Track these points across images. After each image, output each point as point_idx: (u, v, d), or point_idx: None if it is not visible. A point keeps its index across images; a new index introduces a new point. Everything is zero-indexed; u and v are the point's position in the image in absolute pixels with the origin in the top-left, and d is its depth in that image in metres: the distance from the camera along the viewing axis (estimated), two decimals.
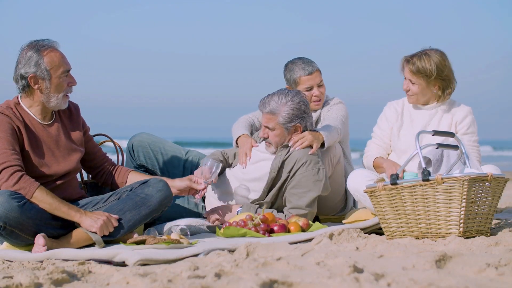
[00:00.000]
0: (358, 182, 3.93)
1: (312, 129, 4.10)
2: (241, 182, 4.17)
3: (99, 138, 4.51)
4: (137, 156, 4.36)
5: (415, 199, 3.42)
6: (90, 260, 3.11)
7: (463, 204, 3.34)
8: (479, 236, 3.41)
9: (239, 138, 4.35)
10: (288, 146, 4.04)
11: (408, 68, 4.01)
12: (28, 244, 3.46)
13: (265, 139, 4.12)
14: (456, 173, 3.43)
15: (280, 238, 3.50)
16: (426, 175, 3.37)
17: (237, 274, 2.45)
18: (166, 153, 4.40)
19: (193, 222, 4.00)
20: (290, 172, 3.97)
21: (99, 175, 4.01)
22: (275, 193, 4.02)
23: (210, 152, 4.46)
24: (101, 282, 2.56)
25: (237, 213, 4.00)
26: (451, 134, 3.69)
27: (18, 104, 3.66)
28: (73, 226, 3.53)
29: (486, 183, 3.41)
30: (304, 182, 3.94)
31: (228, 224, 3.74)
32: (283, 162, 3.99)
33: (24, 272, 2.52)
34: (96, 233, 3.45)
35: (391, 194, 3.48)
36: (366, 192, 3.57)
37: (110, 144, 4.55)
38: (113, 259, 3.14)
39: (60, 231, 3.51)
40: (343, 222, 4.10)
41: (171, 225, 3.89)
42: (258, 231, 3.61)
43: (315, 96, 4.46)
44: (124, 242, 3.50)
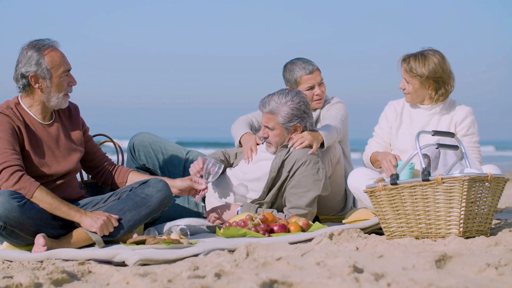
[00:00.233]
0: (359, 180, 3.93)
1: (312, 129, 4.10)
2: (241, 182, 4.17)
3: (99, 138, 4.51)
4: (138, 155, 4.36)
5: (415, 199, 3.43)
6: (90, 260, 3.11)
7: (463, 204, 3.34)
8: (479, 236, 3.41)
9: (242, 136, 4.35)
10: (288, 146, 4.04)
11: (403, 67, 4.04)
12: (28, 244, 3.46)
13: (265, 139, 4.12)
14: (456, 173, 3.44)
15: (280, 238, 3.50)
16: (426, 175, 3.37)
17: (237, 274, 2.45)
18: (166, 152, 4.40)
19: (193, 222, 4.01)
20: (290, 171, 3.97)
21: (99, 175, 4.01)
22: (275, 192, 4.02)
23: (210, 152, 4.46)
24: (101, 282, 2.56)
25: (237, 213, 4.00)
26: (451, 134, 3.69)
27: (18, 104, 3.66)
28: (73, 226, 3.53)
29: (486, 183, 3.41)
30: (304, 181, 3.94)
31: (228, 224, 3.74)
32: (283, 162, 3.99)
33: (24, 272, 2.52)
34: (96, 233, 3.46)
35: (391, 194, 3.48)
36: (366, 192, 3.58)
37: (110, 144, 4.55)
38: (113, 259, 3.14)
39: (60, 231, 3.51)
40: (343, 222, 4.10)
41: (171, 225, 3.90)
42: (258, 231, 3.61)
43: (317, 95, 4.47)
44: (124, 242, 3.50)
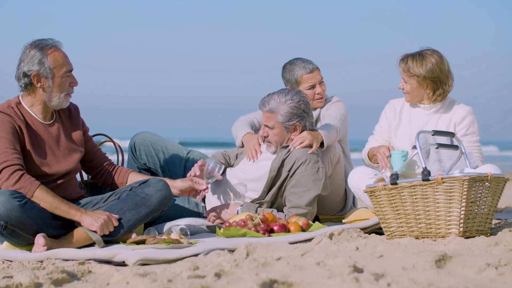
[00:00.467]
0: (359, 179, 3.94)
1: (312, 128, 4.10)
2: (241, 181, 4.17)
3: (99, 138, 4.51)
4: (139, 154, 4.36)
5: (415, 199, 3.42)
6: (90, 260, 3.11)
7: (463, 204, 3.34)
8: (479, 236, 3.41)
9: (244, 136, 4.35)
10: (288, 146, 4.04)
11: (401, 67, 4.05)
12: (28, 244, 3.46)
13: (265, 138, 4.12)
14: (456, 173, 3.44)
15: (280, 238, 3.50)
16: (426, 175, 3.37)
17: (237, 274, 2.45)
18: (168, 152, 4.40)
19: (193, 222, 4.01)
20: (289, 171, 3.97)
21: (98, 175, 4.01)
22: (275, 192, 4.02)
23: (211, 152, 4.46)
24: (101, 282, 2.56)
25: (237, 212, 4.00)
26: (451, 134, 3.69)
27: (19, 103, 3.66)
28: (73, 226, 3.53)
29: (486, 183, 3.41)
30: (303, 181, 3.94)
31: (228, 224, 3.74)
32: (283, 161, 3.99)
33: (24, 272, 2.52)
34: (96, 232, 3.46)
35: (391, 194, 3.48)
36: (366, 192, 3.58)
37: (110, 144, 4.55)
38: (113, 259, 3.14)
39: (60, 231, 3.51)
40: (343, 222, 4.10)
41: (171, 225, 3.90)
42: (258, 231, 3.61)
43: (318, 94, 4.47)
44: (124, 242, 3.50)
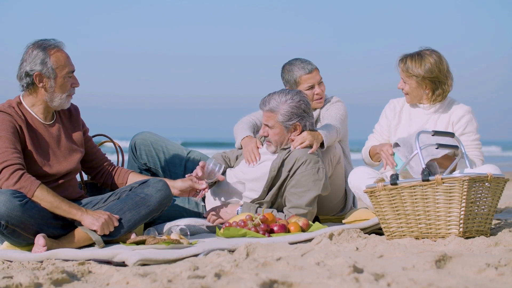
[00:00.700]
0: (359, 179, 3.94)
1: (312, 129, 4.11)
2: (240, 181, 4.17)
3: (99, 139, 4.50)
4: (139, 154, 4.36)
5: (415, 199, 3.42)
6: (90, 260, 3.11)
7: (463, 204, 3.34)
8: (479, 236, 3.41)
9: (243, 139, 4.35)
10: (288, 148, 4.05)
11: (400, 67, 4.05)
12: (29, 244, 3.46)
13: (265, 137, 4.12)
14: (456, 173, 3.43)
15: (280, 238, 3.50)
16: (426, 175, 3.37)
17: (237, 274, 2.45)
18: (168, 152, 4.40)
19: (193, 222, 4.01)
20: (290, 171, 3.97)
21: (98, 175, 4.01)
22: (275, 192, 4.02)
23: (211, 152, 4.46)
24: (101, 282, 2.56)
25: (237, 212, 4.00)
26: (451, 134, 3.69)
27: (20, 103, 3.66)
28: (73, 226, 3.53)
29: (486, 183, 3.41)
30: (304, 181, 3.94)
31: (228, 224, 3.74)
32: (283, 161, 3.99)
33: (24, 272, 2.52)
34: (96, 231, 3.45)
35: (391, 194, 3.48)
36: (366, 192, 3.58)
37: (110, 144, 4.55)
38: (113, 259, 3.14)
39: (60, 231, 3.51)
40: (343, 222, 4.10)
41: (171, 225, 3.90)
42: (258, 231, 3.61)
43: (317, 94, 4.48)
44: (124, 242, 3.50)
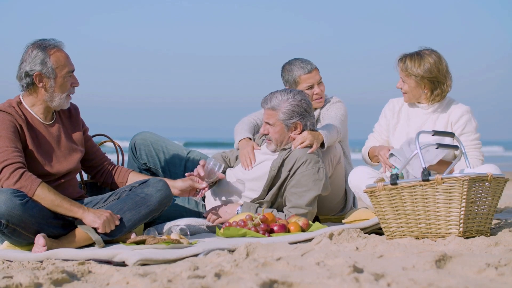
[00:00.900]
0: (359, 179, 3.94)
1: (313, 129, 4.11)
2: (240, 180, 4.17)
3: (99, 138, 4.50)
4: (139, 154, 4.36)
5: (415, 199, 3.42)
6: (90, 260, 3.11)
7: (463, 204, 3.34)
8: (479, 236, 3.41)
9: (240, 141, 4.35)
10: (289, 147, 4.05)
11: (400, 66, 4.06)
12: (29, 243, 3.46)
13: (265, 136, 4.12)
14: (456, 173, 3.44)
15: (280, 238, 3.50)
16: (426, 175, 3.37)
17: (237, 274, 2.45)
18: (168, 152, 4.40)
19: (193, 222, 4.01)
20: (290, 171, 3.97)
21: (98, 175, 4.01)
22: (275, 192, 4.02)
23: (211, 152, 4.46)
24: (101, 282, 2.56)
25: (237, 212, 4.00)
26: (451, 134, 3.69)
27: (20, 103, 3.66)
28: (73, 226, 3.53)
29: (486, 183, 3.41)
30: (304, 181, 3.94)
31: (228, 224, 3.74)
32: (283, 161, 4.00)
33: (24, 272, 2.52)
34: (97, 230, 3.45)
35: (391, 194, 3.48)
36: (366, 192, 3.58)
37: (110, 144, 4.55)
38: (113, 259, 3.14)
39: (61, 230, 3.51)
40: (343, 222, 4.10)
41: (171, 225, 3.90)
42: (258, 231, 3.61)
43: (316, 94, 4.48)
44: (124, 242, 3.50)
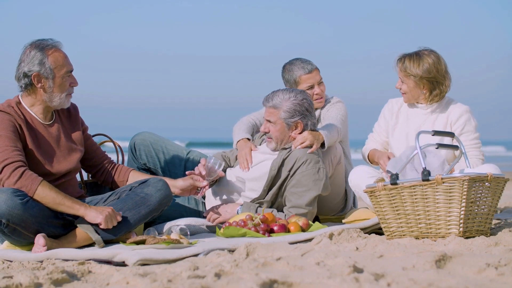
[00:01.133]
0: (359, 178, 3.95)
1: (314, 129, 4.11)
2: (241, 181, 4.17)
3: (99, 138, 4.50)
4: (139, 154, 4.36)
5: (415, 199, 3.42)
6: (90, 260, 3.11)
7: (463, 204, 3.34)
8: (479, 236, 3.41)
9: (238, 142, 4.36)
10: (289, 147, 4.05)
11: (398, 66, 4.06)
12: (29, 243, 3.46)
13: (265, 134, 4.12)
14: (456, 173, 3.44)
15: (280, 238, 3.50)
16: (426, 175, 3.37)
17: (237, 274, 2.45)
18: (168, 152, 4.40)
19: (193, 222, 4.01)
20: (290, 170, 3.97)
21: (99, 173, 4.01)
22: (275, 192, 4.02)
23: (211, 152, 4.46)
24: (101, 282, 2.56)
25: (237, 212, 4.00)
26: (451, 134, 3.69)
27: (20, 103, 3.66)
28: (74, 226, 3.53)
29: (486, 183, 3.41)
30: (304, 181, 3.94)
31: (228, 224, 3.74)
32: (283, 161, 4.00)
33: (24, 272, 2.52)
34: (100, 225, 3.44)
35: (391, 194, 3.48)
36: (366, 192, 3.58)
37: (110, 144, 4.55)
38: (113, 259, 3.14)
39: (61, 230, 3.51)
40: (343, 222, 4.11)
41: (171, 225, 3.90)
42: (258, 231, 3.61)
43: (317, 94, 4.49)
44: (124, 242, 3.50)
